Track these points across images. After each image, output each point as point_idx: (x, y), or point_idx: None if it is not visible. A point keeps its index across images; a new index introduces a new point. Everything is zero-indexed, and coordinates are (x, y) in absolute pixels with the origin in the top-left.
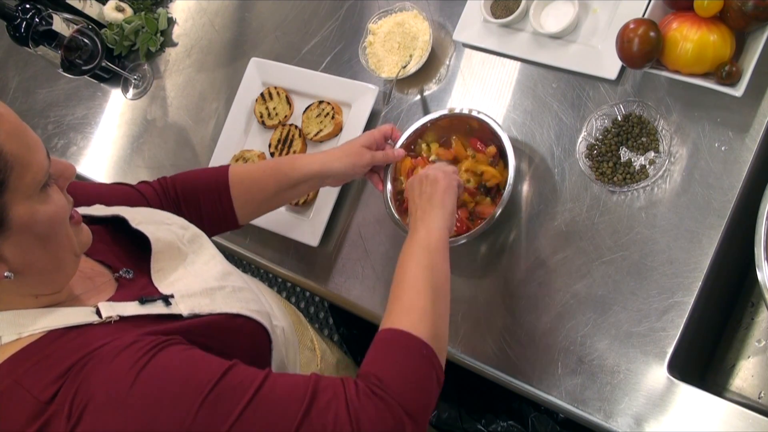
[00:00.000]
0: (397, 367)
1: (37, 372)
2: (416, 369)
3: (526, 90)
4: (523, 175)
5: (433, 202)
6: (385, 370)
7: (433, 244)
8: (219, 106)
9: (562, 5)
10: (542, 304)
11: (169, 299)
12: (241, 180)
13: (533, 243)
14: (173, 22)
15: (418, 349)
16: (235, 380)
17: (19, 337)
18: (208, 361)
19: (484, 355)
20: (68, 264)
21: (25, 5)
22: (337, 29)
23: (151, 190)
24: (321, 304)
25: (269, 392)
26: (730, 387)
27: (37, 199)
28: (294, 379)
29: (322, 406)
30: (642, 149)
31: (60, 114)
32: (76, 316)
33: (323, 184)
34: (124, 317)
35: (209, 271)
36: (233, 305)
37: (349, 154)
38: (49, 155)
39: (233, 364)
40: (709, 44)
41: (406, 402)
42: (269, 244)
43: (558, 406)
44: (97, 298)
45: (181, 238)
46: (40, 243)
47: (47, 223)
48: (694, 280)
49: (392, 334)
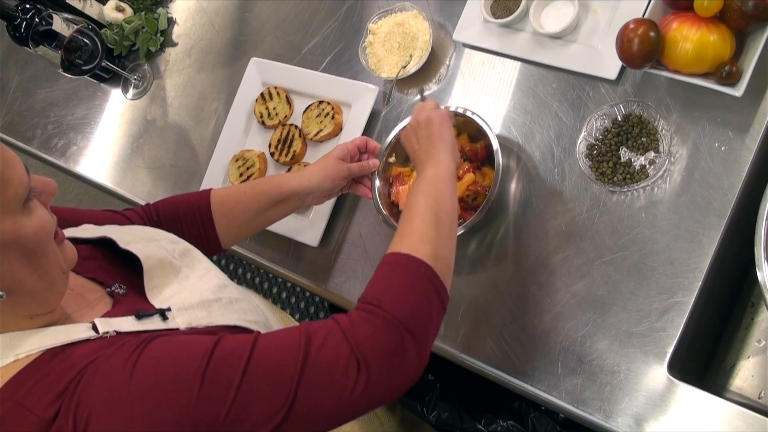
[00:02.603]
0: (393, 285)
1: (38, 392)
2: (412, 286)
3: (526, 90)
4: (522, 175)
5: (432, 140)
6: (380, 290)
7: (441, 177)
8: (219, 106)
9: (562, 5)
10: (542, 304)
11: (166, 313)
12: (222, 202)
13: (533, 243)
14: (173, 22)
15: (416, 268)
16: (227, 349)
17: (17, 359)
18: (197, 340)
19: (484, 355)
20: (58, 281)
21: (25, 5)
22: (337, 29)
23: (136, 216)
24: (321, 304)
25: (264, 350)
26: (730, 387)
27: (20, 214)
28: (284, 332)
29: (319, 344)
30: (642, 149)
31: (60, 114)
32: (72, 334)
33: (305, 201)
34: (121, 333)
35: (205, 284)
36: (230, 317)
37: (325, 167)
38: (28, 170)
39: (221, 336)
40: (709, 44)
41: (404, 317)
42: (269, 244)
43: (558, 406)
44: (91, 315)
45: (172, 252)
46: (28, 259)
47: (33, 238)
48: (694, 280)
49: (391, 257)
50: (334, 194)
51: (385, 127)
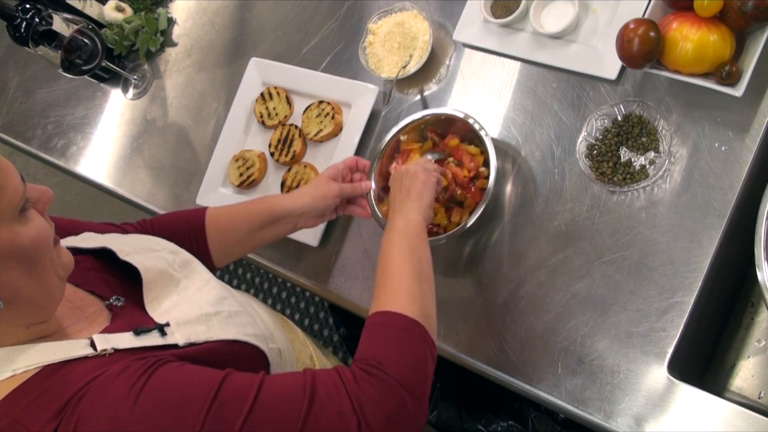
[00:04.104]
0: (391, 346)
1: (36, 409)
2: (410, 346)
3: (526, 90)
4: (522, 175)
5: (411, 195)
6: (380, 351)
7: (411, 231)
8: (219, 106)
9: (562, 5)
10: (542, 304)
11: (165, 328)
12: (215, 221)
13: (533, 243)
14: (173, 22)
15: (410, 327)
16: (233, 390)
17: (14, 374)
18: (204, 374)
19: (484, 355)
20: (55, 288)
21: (25, 5)
22: (337, 29)
23: (133, 231)
24: (321, 304)
25: (268, 395)
26: (730, 387)
27: (17, 223)
28: (290, 377)
29: (323, 398)
30: (642, 149)
31: (60, 114)
32: (70, 350)
33: (298, 224)
34: (119, 350)
35: (204, 296)
36: (230, 331)
37: (316, 187)
38: (24, 179)
39: (228, 373)
40: (709, 44)
41: (404, 379)
42: (269, 244)
43: (558, 406)
44: (89, 330)
45: (171, 263)
46: (25, 268)
47: (31, 246)
48: (694, 280)
49: (384, 316)
50: (328, 215)
51: (385, 127)
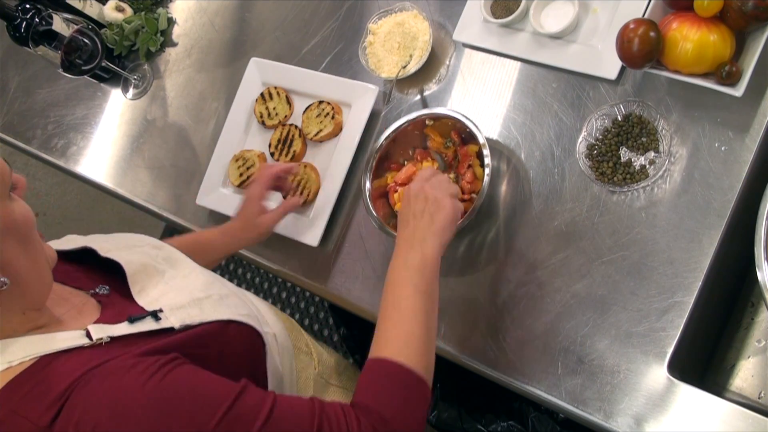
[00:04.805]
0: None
1: (33, 398)
2: (416, 409)
3: (526, 90)
4: (522, 175)
5: (434, 227)
6: (387, 409)
7: (429, 270)
8: (219, 106)
9: (562, 5)
10: (542, 304)
11: (158, 314)
12: None
13: (533, 243)
14: (173, 22)
15: (418, 386)
16: (247, 405)
17: (10, 366)
18: (223, 381)
19: (484, 355)
20: (45, 273)
21: (25, 5)
22: (337, 29)
23: None
24: (321, 304)
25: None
26: (730, 387)
27: (9, 200)
28: (298, 402)
29: None
30: (642, 149)
31: (60, 114)
32: (65, 341)
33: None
34: (115, 338)
35: (192, 282)
36: (223, 312)
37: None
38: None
39: (245, 386)
40: (709, 44)
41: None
42: (269, 244)
43: (558, 406)
44: (81, 321)
45: (155, 258)
46: (21, 246)
47: (24, 222)
48: (694, 280)
49: (393, 367)
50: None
51: (385, 126)
